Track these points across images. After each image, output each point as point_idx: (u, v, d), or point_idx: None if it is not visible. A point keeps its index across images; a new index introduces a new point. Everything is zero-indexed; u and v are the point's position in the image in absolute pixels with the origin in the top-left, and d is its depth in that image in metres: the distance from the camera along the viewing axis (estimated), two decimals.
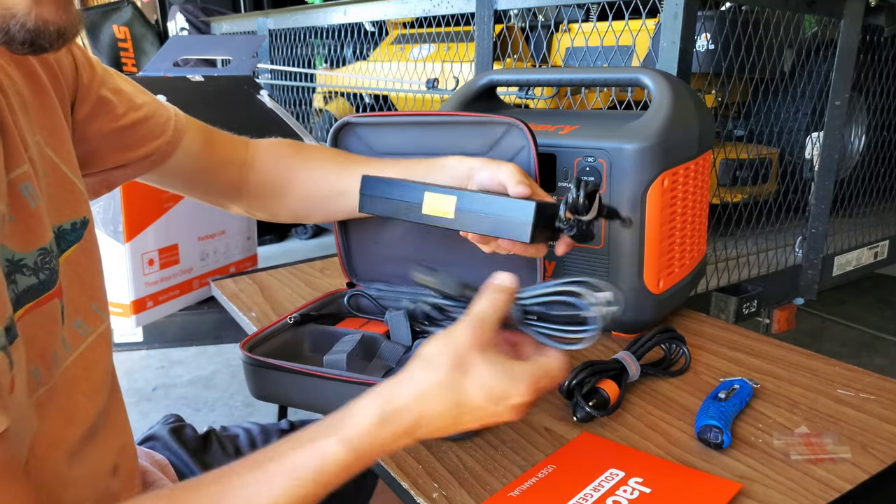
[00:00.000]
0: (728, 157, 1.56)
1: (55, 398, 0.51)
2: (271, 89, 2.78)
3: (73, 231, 0.56)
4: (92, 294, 0.58)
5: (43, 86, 0.56)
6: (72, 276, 0.55)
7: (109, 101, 0.66)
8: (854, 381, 0.74)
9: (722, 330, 0.89)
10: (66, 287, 0.54)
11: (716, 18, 1.56)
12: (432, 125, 0.81)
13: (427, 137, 0.81)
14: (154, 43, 3.94)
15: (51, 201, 0.54)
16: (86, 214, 0.58)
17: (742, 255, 1.51)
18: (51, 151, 0.55)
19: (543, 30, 1.99)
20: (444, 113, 0.80)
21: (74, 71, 0.62)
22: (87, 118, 0.64)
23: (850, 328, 2.64)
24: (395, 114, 0.82)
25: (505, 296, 0.52)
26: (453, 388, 0.48)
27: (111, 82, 0.67)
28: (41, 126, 0.55)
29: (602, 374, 0.69)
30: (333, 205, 0.79)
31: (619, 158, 0.79)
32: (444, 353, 0.48)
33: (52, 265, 0.52)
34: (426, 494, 0.57)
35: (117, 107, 0.67)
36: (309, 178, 0.79)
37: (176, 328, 2.42)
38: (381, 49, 2.47)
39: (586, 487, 0.55)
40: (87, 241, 0.58)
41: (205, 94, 1.82)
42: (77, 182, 0.58)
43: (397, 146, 0.83)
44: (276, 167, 0.80)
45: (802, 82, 1.91)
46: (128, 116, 0.68)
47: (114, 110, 0.66)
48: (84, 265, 0.57)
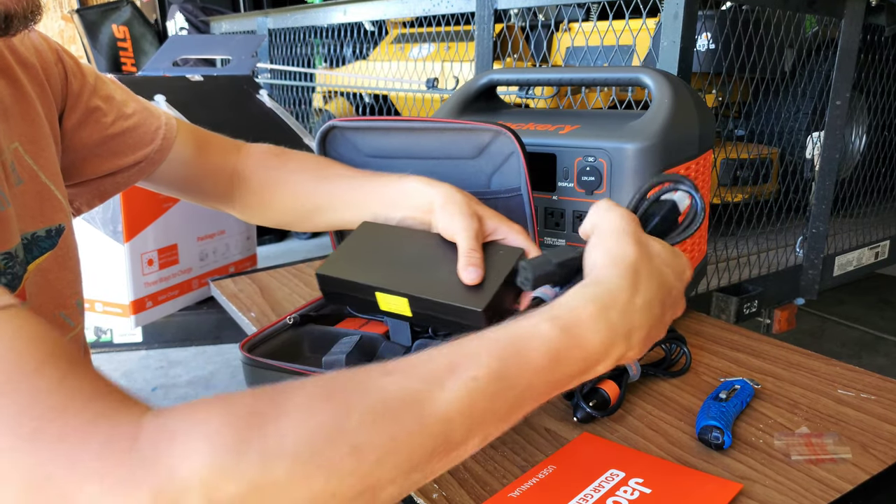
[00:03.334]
0: (728, 156, 1.56)
1: None
2: (271, 89, 2.78)
3: (47, 238, 0.56)
4: (61, 302, 0.58)
5: (26, 94, 0.57)
6: (41, 283, 0.55)
7: (100, 109, 0.66)
8: (855, 381, 0.74)
9: (722, 330, 0.89)
10: (33, 294, 0.54)
11: (716, 18, 1.56)
12: (419, 131, 0.80)
13: (414, 142, 0.80)
14: (153, 42, 3.94)
15: (25, 208, 0.54)
16: (62, 222, 0.58)
17: (742, 255, 1.50)
18: (30, 159, 0.56)
19: (543, 29, 1.99)
20: (431, 119, 0.79)
21: (64, 80, 0.63)
22: (77, 126, 0.65)
23: (850, 328, 2.64)
24: (382, 119, 0.80)
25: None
26: (649, 271, 0.46)
27: (103, 90, 0.68)
28: (21, 133, 0.55)
29: (602, 375, 0.69)
30: (312, 219, 0.78)
31: (620, 158, 0.79)
32: (619, 242, 0.47)
33: (16, 270, 0.51)
34: (426, 494, 0.57)
35: (107, 115, 0.67)
36: (288, 191, 0.78)
37: (175, 328, 2.42)
38: (381, 48, 2.47)
39: (586, 488, 0.55)
40: (62, 248, 0.58)
41: (204, 93, 1.82)
42: (55, 190, 0.58)
43: (385, 149, 0.82)
44: (261, 177, 0.79)
45: (803, 82, 1.91)
46: (117, 125, 0.68)
47: (103, 118, 0.67)
48: (55, 273, 0.57)
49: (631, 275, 0.45)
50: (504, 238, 0.66)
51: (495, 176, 0.78)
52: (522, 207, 0.78)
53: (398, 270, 0.66)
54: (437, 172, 0.80)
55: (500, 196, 0.79)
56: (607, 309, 0.44)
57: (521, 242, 0.65)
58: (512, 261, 0.63)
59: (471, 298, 0.61)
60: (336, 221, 0.76)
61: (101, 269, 1.77)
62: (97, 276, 1.77)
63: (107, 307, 1.80)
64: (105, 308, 1.81)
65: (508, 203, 0.78)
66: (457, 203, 0.65)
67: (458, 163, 0.79)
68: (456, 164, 0.79)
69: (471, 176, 0.79)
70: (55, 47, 0.63)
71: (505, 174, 0.78)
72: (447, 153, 0.79)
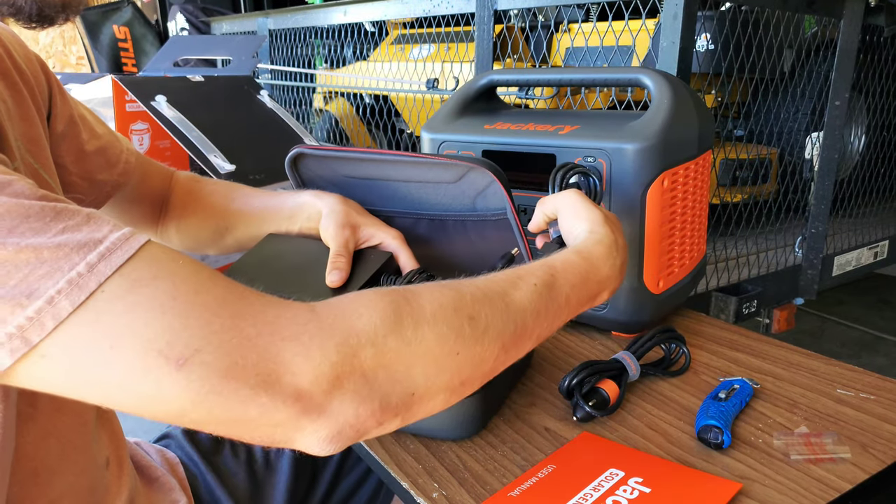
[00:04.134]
0: (728, 157, 1.56)
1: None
2: (271, 89, 2.78)
3: None
4: None
5: (24, 97, 0.59)
6: None
7: (77, 125, 0.69)
8: (854, 381, 0.74)
9: (722, 330, 0.89)
10: None
11: (716, 18, 1.56)
12: (387, 163, 0.76)
13: (391, 169, 0.77)
14: (154, 43, 3.94)
15: None
16: None
17: (742, 255, 1.51)
18: (31, 158, 0.57)
19: (543, 30, 1.99)
20: (403, 154, 0.75)
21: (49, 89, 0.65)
22: (62, 136, 0.67)
23: (850, 328, 2.64)
24: (353, 150, 0.77)
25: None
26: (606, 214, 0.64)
27: (78, 109, 0.70)
28: (22, 133, 0.57)
29: (602, 374, 0.69)
30: (223, 239, 0.82)
31: (619, 158, 0.79)
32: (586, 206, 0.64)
33: None
34: (426, 494, 0.57)
35: (82, 132, 0.70)
36: (202, 213, 0.82)
37: None
38: (381, 49, 2.47)
39: (586, 487, 0.55)
40: None
41: (205, 94, 1.82)
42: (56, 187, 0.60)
43: (362, 173, 0.78)
44: (182, 200, 0.83)
45: (802, 82, 1.91)
46: (91, 143, 0.71)
47: (80, 134, 0.70)
48: None
49: (609, 225, 0.62)
50: (381, 243, 0.74)
51: (479, 199, 0.74)
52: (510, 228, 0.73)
53: (285, 277, 0.73)
54: (420, 194, 0.78)
55: (488, 218, 0.75)
56: (609, 248, 0.60)
57: (394, 246, 0.74)
58: (378, 263, 0.72)
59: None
60: (243, 239, 0.80)
61: None
62: None
63: None
64: None
65: (497, 224, 0.75)
66: (335, 213, 0.74)
67: (438, 186, 0.76)
68: (437, 188, 0.76)
69: (454, 199, 0.76)
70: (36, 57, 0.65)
71: (488, 198, 0.74)
72: (426, 179, 0.76)
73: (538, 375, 0.77)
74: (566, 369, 0.75)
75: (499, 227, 0.75)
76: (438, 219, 0.79)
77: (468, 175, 0.73)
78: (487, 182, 0.72)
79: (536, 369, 0.78)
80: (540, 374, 0.77)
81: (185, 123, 1.37)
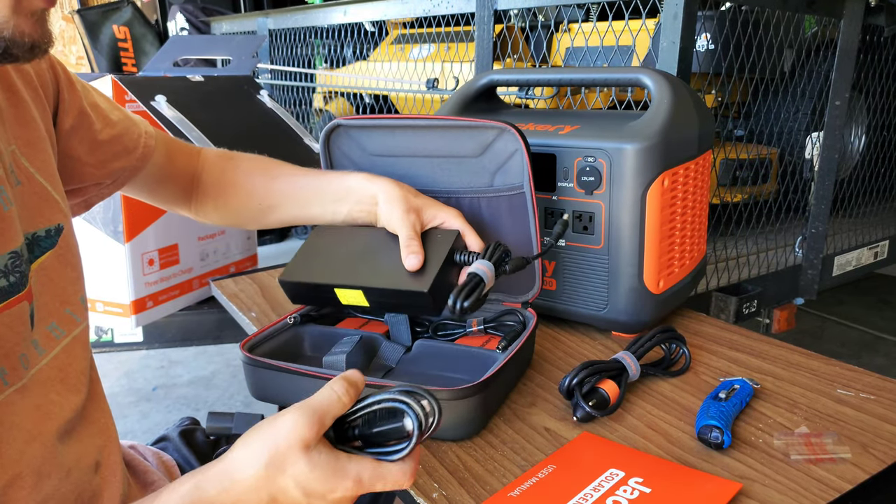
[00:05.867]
0: (728, 157, 1.56)
1: (29, 396, 0.52)
2: (271, 89, 2.78)
3: (47, 238, 0.58)
4: (66, 299, 0.59)
5: (21, 98, 0.58)
6: (45, 281, 0.56)
7: (89, 116, 0.69)
8: (854, 381, 0.74)
9: (722, 330, 0.89)
10: (38, 292, 0.55)
11: (716, 18, 1.56)
12: (423, 129, 0.81)
13: (419, 140, 0.81)
14: (154, 43, 3.94)
15: (24, 209, 0.55)
16: (60, 221, 0.60)
17: (742, 255, 1.51)
18: (26, 161, 0.57)
19: (543, 30, 1.99)
20: (436, 117, 0.80)
21: (56, 85, 0.65)
22: (71, 130, 0.67)
23: (850, 328, 2.64)
24: (387, 117, 0.82)
25: (353, 390, 0.48)
26: (267, 486, 0.46)
27: (89, 98, 0.70)
28: (17, 136, 0.57)
29: (602, 374, 0.69)
30: (265, 218, 0.83)
31: (619, 158, 0.79)
32: (263, 448, 0.46)
33: (23, 269, 0.53)
34: (426, 494, 0.57)
35: (95, 122, 0.69)
36: (242, 192, 0.83)
37: (176, 328, 2.42)
38: (381, 49, 2.47)
39: (586, 487, 0.55)
40: (62, 247, 0.59)
41: (205, 94, 1.82)
42: (52, 191, 0.59)
43: (389, 148, 0.83)
44: (217, 179, 0.83)
45: (802, 82, 1.91)
46: (105, 132, 0.71)
47: (93, 125, 0.69)
48: (58, 271, 0.58)
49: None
50: (443, 223, 0.74)
51: (498, 174, 0.79)
52: (525, 205, 0.78)
53: (351, 266, 0.73)
54: (440, 171, 0.82)
55: (503, 194, 0.80)
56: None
57: (457, 225, 0.74)
58: (449, 242, 0.72)
59: (416, 282, 0.68)
60: (287, 218, 0.81)
61: (102, 269, 1.77)
62: (98, 276, 1.77)
63: (107, 307, 1.81)
64: (106, 308, 1.81)
65: (511, 201, 0.79)
66: (396, 198, 0.73)
67: (461, 161, 0.80)
68: (459, 163, 0.81)
69: (474, 175, 0.80)
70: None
71: (508, 172, 0.78)
72: (451, 152, 0.80)
73: (538, 375, 0.77)
74: (566, 369, 0.75)
75: (512, 203, 0.79)
76: (455, 197, 0.83)
77: (494, 145, 0.77)
78: (512, 150, 0.77)
79: (536, 369, 0.78)
80: (540, 374, 0.77)
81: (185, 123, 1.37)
